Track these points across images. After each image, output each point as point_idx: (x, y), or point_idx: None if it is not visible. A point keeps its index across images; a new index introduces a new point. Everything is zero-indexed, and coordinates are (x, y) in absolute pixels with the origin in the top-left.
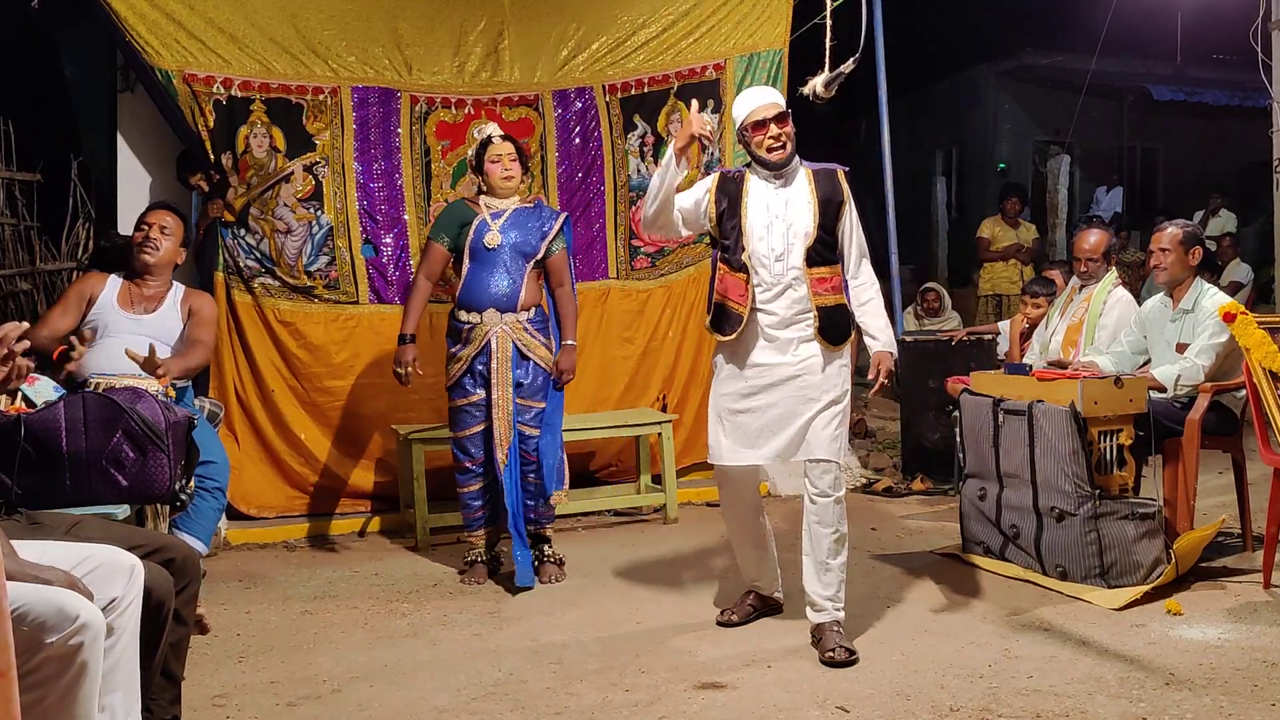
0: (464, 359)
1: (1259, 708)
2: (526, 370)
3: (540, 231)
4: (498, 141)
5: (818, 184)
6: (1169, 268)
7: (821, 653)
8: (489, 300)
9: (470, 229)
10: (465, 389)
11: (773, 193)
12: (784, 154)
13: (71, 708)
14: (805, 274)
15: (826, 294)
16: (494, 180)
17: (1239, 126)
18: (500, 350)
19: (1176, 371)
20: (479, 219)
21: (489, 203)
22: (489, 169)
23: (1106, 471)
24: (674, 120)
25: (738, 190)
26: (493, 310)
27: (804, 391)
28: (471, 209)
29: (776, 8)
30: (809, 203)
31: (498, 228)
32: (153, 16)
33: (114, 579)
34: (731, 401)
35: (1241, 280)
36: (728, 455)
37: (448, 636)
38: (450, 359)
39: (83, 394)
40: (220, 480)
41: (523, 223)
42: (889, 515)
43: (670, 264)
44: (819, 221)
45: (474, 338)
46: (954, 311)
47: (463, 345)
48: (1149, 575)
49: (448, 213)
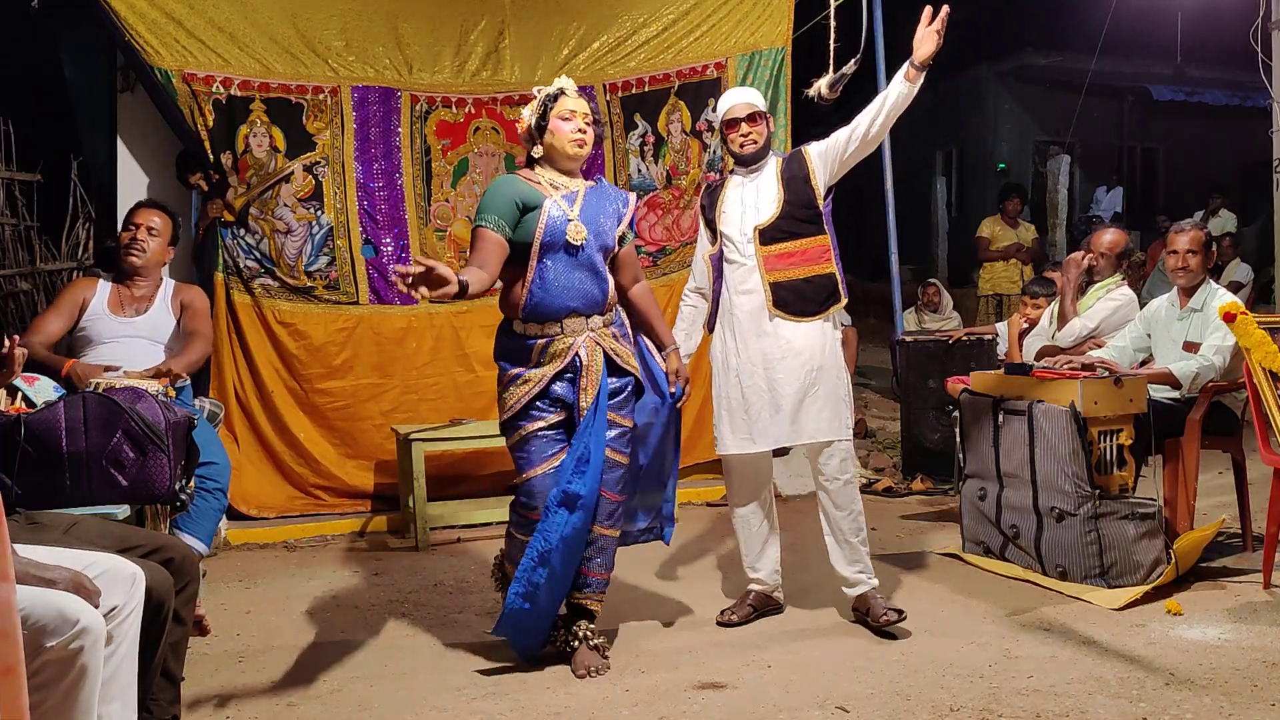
0: (535, 380)
1: (1259, 708)
2: (619, 383)
3: (617, 216)
4: (572, 95)
5: (785, 168)
6: (1194, 269)
7: (875, 620)
8: (570, 305)
9: (541, 216)
10: (538, 413)
11: (747, 186)
12: (753, 148)
13: (71, 711)
14: (759, 252)
15: (789, 268)
16: (562, 144)
17: (1239, 126)
18: (593, 363)
19: (1195, 369)
20: (549, 202)
21: (554, 180)
22: (557, 127)
23: (1106, 471)
24: (674, 119)
25: (718, 191)
26: (579, 317)
27: (783, 372)
28: (533, 188)
29: (778, 6)
30: (774, 185)
31: (577, 216)
32: (152, 16)
33: (115, 587)
34: (726, 391)
35: (1241, 280)
36: (730, 444)
37: (448, 637)
38: (508, 382)
39: (83, 394)
40: (221, 481)
41: (600, 207)
42: (889, 515)
43: (672, 263)
44: (783, 199)
45: (552, 354)
46: (954, 311)
47: (533, 365)
48: (1149, 575)
49: (499, 191)
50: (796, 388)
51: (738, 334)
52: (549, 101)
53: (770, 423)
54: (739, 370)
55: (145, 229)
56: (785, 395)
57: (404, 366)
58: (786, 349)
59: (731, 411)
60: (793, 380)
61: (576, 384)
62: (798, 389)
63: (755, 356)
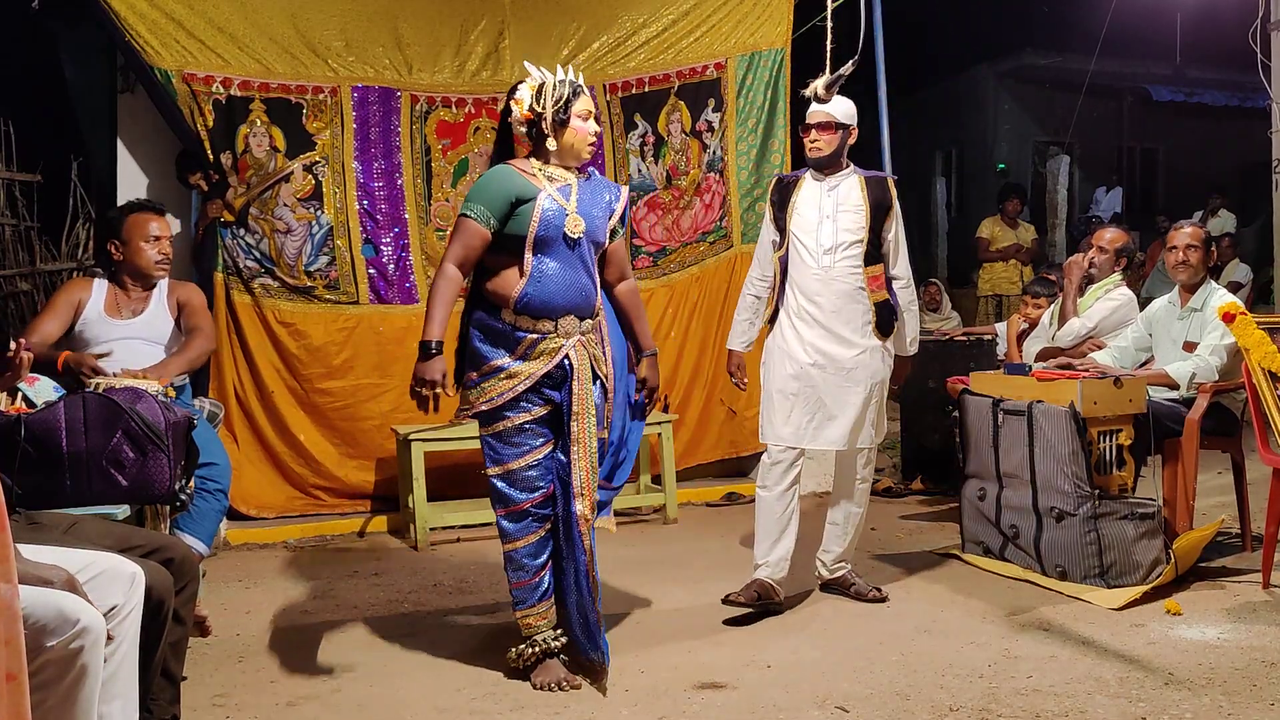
0: (521, 376)
1: (1258, 707)
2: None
3: (609, 209)
4: (586, 93)
5: (869, 189)
6: (1195, 265)
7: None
8: (568, 304)
9: (534, 209)
10: (525, 405)
11: (824, 194)
12: (819, 154)
13: (71, 711)
14: (863, 272)
15: (878, 291)
16: (579, 143)
17: (1238, 127)
18: (582, 371)
19: (1191, 369)
20: (543, 195)
21: (551, 173)
22: (578, 128)
23: (1106, 471)
24: (674, 120)
25: (790, 190)
26: (572, 317)
27: (854, 381)
28: (527, 180)
29: (777, 6)
30: (861, 204)
31: (574, 209)
32: (152, 16)
33: (115, 587)
34: (782, 384)
35: (1241, 280)
36: (783, 436)
37: (448, 636)
38: (489, 374)
39: (83, 394)
40: (222, 482)
41: (594, 200)
42: (889, 515)
43: (673, 263)
44: (869, 223)
45: (541, 352)
46: (954, 311)
47: (520, 359)
48: (1148, 575)
49: (492, 182)
50: (860, 399)
51: (806, 337)
52: (571, 97)
53: (825, 425)
54: (803, 370)
55: (168, 240)
56: (848, 404)
57: (404, 366)
58: (856, 361)
59: (789, 406)
60: (858, 391)
61: (568, 388)
62: (860, 401)
63: (826, 362)
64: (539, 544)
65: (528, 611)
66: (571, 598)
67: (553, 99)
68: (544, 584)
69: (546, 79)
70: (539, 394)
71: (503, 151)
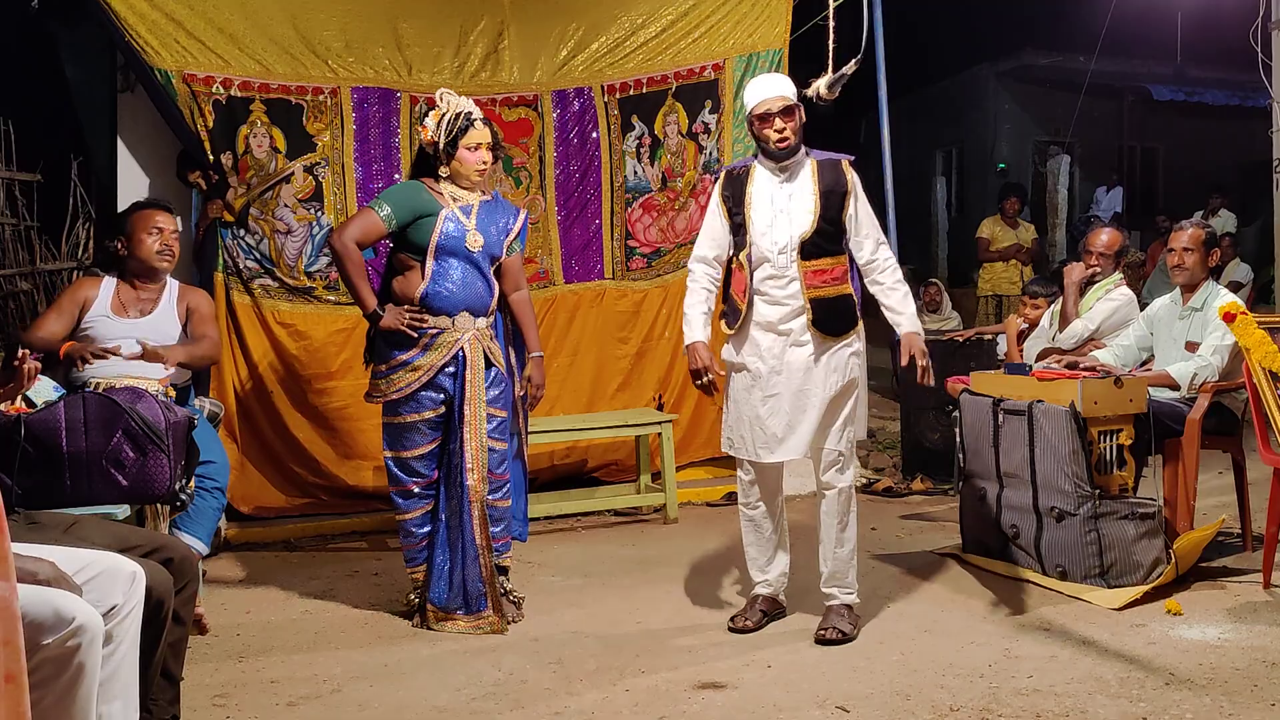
0: (424, 368)
1: (1259, 708)
2: (490, 377)
3: (505, 229)
4: (480, 126)
5: (821, 176)
6: (1191, 268)
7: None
8: (463, 303)
9: (436, 224)
10: (421, 403)
11: (777, 186)
12: (787, 145)
13: (69, 710)
14: (799, 267)
15: (824, 286)
16: (467, 171)
17: (1239, 126)
18: (474, 361)
19: (1193, 369)
20: (445, 213)
21: (454, 193)
22: (464, 158)
23: (1106, 471)
24: (670, 121)
25: (743, 184)
26: (466, 314)
27: (811, 384)
28: (433, 197)
29: (776, 7)
30: (811, 195)
31: (474, 226)
32: (152, 16)
33: (115, 586)
34: (748, 395)
35: (1241, 280)
36: (752, 451)
37: (448, 636)
38: (397, 367)
39: (83, 394)
40: (220, 480)
41: (491, 219)
42: (889, 515)
43: (667, 264)
44: (819, 214)
45: (440, 345)
46: (954, 311)
47: (421, 352)
48: (1149, 575)
49: (403, 193)
50: (821, 403)
51: (765, 343)
52: (459, 132)
53: (794, 434)
54: (765, 378)
55: (170, 232)
56: (811, 409)
57: None
58: (823, 365)
59: (755, 419)
60: (818, 397)
61: (460, 377)
62: (822, 404)
63: (786, 368)
64: (423, 517)
65: (416, 569)
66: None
67: (445, 131)
68: (427, 550)
69: (447, 110)
70: (437, 388)
71: (420, 166)
